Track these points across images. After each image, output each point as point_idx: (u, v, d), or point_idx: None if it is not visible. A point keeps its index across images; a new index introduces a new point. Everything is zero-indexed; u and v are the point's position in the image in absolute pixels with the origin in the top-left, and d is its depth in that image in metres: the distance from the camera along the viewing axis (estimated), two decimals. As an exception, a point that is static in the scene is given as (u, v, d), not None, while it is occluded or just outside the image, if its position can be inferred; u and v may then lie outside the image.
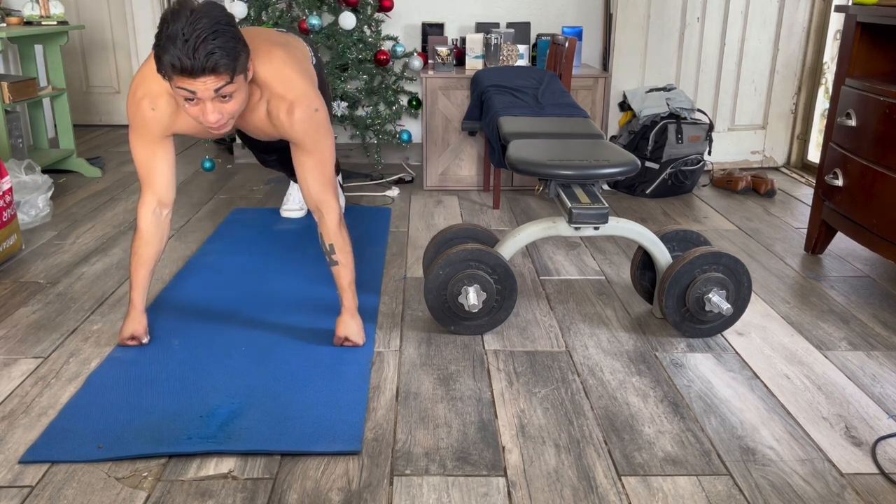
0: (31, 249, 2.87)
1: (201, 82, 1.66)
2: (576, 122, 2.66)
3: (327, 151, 1.97)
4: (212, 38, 1.62)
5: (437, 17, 4.21)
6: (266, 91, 1.89)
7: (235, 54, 1.68)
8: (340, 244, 2.03)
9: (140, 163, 1.98)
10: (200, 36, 1.61)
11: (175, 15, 1.63)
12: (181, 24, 1.61)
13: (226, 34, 1.65)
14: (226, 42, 1.65)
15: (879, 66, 2.64)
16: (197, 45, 1.61)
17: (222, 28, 1.65)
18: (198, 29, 1.61)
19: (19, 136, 3.83)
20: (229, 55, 1.66)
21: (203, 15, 1.63)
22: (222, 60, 1.64)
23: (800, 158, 4.25)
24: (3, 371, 1.96)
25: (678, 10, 3.93)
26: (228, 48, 1.66)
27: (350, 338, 2.08)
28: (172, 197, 2.04)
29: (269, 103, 1.90)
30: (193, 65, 1.62)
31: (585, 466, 1.60)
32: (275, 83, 1.88)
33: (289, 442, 1.65)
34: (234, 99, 1.75)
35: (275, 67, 1.88)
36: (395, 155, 4.39)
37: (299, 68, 1.94)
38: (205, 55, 1.62)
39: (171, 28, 1.62)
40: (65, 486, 1.51)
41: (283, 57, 1.91)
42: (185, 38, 1.61)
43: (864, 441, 1.70)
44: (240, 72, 1.72)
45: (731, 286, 2.13)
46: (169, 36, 1.61)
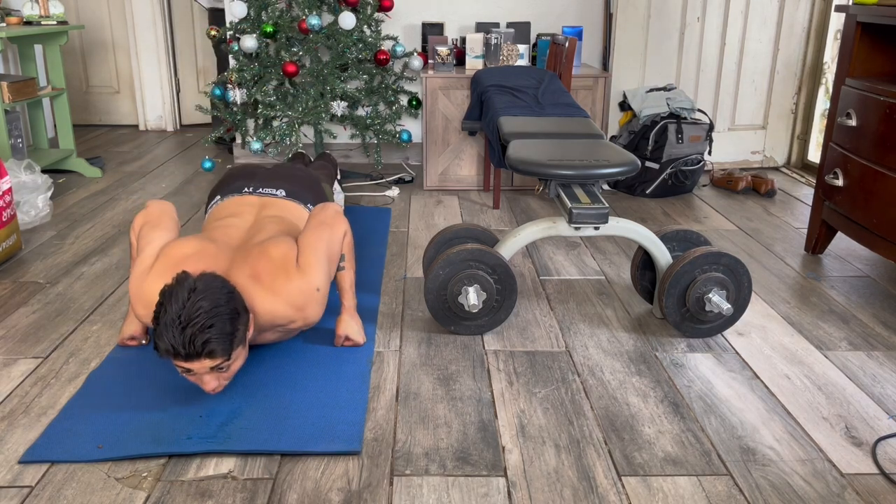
0: (30, 249, 2.87)
1: (198, 364, 1.64)
2: (576, 122, 2.66)
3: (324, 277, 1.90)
4: (208, 326, 1.60)
5: (437, 16, 4.21)
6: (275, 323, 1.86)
7: (232, 338, 1.66)
8: (348, 250, 2.06)
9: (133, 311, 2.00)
10: (196, 324, 1.59)
11: (172, 297, 1.61)
12: (177, 309, 1.60)
13: (223, 317, 1.63)
14: (223, 326, 1.63)
15: (879, 66, 2.64)
16: (193, 336, 1.59)
17: (219, 310, 1.62)
18: (194, 316, 1.59)
19: (19, 136, 3.83)
20: (226, 341, 1.64)
21: (200, 297, 1.61)
22: (219, 347, 1.63)
23: (800, 158, 4.25)
24: (3, 371, 1.96)
25: (678, 10, 3.93)
26: (225, 334, 1.63)
27: (350, 336, 2.08)
28: None
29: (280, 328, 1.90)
30: (188, 353, 1.61)
31: (585, 466, 1.60)
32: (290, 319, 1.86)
33: (289, 442, 1.65)
34: (231, 367, 1.72)
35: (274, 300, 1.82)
36: (395, 155, 4.39)
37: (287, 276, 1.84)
38: (201, 344, 1.60)
39: (168, 312, 1.60)
40: (65, 486, 1.51)
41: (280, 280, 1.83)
42: (182, 325, 1.59)
43: (865, 441, 1.70)
44: (237, 346, 1.69)
45: (731, 286, 2.13)
46: (165, 322, 1.60)
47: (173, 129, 5.41)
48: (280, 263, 1.85)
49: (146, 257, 1.88)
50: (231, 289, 1.70)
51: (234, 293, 1.70)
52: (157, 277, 1.83)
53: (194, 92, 5.46)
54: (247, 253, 1.88)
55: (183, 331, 1.59)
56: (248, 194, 2.19)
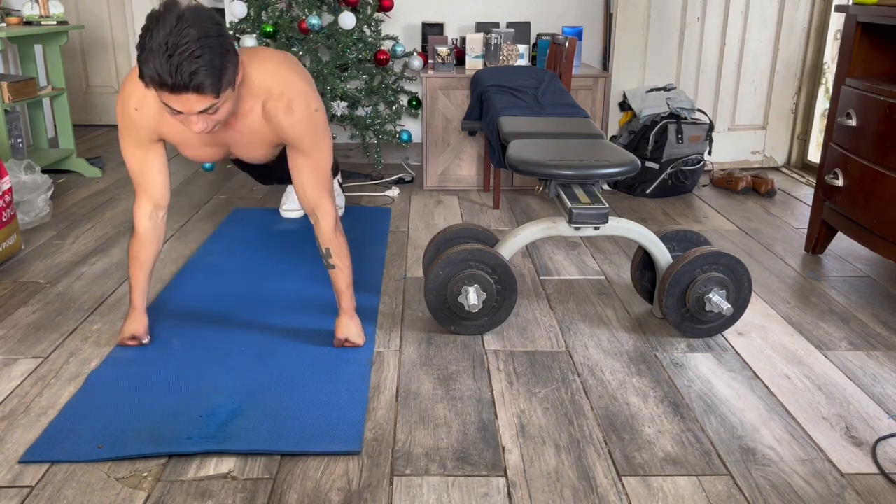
0: (30, 249, 2.87)
1: (185, 99, 1.57)
2: (576, 122, 2.66)
3: (325, 154, 1.93)
4: (196, 55, 1.51)
5: (437, 16, 4.21)
6: (262, 93, 1.81)
7: (221, 72, 1.57)
8: (336, 248, 2.00)
9: (132, 167, 1.94)
10: (184, 52, 1.50)
11: (159, 21, 1.51)
12: (164, 34, 1.50)
13: (212, 49, 1.54)
14: (212, 59, 1.53)
15: (879, 66, 2.64)
16: (181, 63, 1.50)
17: (209, 42, 1.53)
18: (182, 44, 1.50)
19: (19, 136, 3.83)
20: (215, 74, 1.55)
21: (189, 24, 1.51)
22: (207, 80, 1.54)
23: (800, 158, 4.25)
24: (3, 371, 1.96)
25: (678, 10, 3.93)
26: (214, 66, 1.54)
27: (350, 339, 2.08)
28: (167, 199, 2.01)
29: (265, 105, 1.82)
30: (175, 83, 1.52)
31: (585, 466, 1.60)
32: (272, 83, 1.81)
33: (289, 442, 1.65)
34: (220, 109, 1.66)
35: (270, 68, 1.82)
36: (395, 155, 4.39)
37: (297, 69, 1.89)
38: (188, 74, 1.51)
39: (154, 38, 1.50)
40: (65, 486, 1.51)
41: (278, 58, 1.86)
42: (169, 52, 1.49)
43: (865, 441, 1.70)
44: (226, 87, 1.61)
45: (731, 286, 2.13)
46: (151, 47, 1.50)
47: (173, 129, 5.40)
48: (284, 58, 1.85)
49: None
50: (220, 22, 1.59)
51: (223, 28, 1.59)
52: None
53: (194, 92, 5.45)
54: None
55: (170, 58, 1.49)
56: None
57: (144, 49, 1.53)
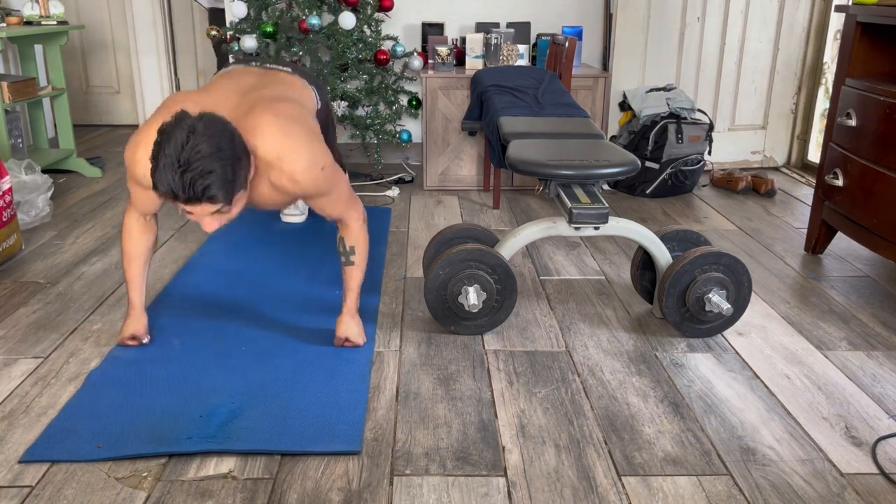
0: (31, 249, 2.87)
1: (197, 208, 1.60)
2: (576, 122, 2.66)
3: (342, 188, 1.91)
4: (208, 170, 1.53)
5: (437, 17, 4.21)
6: (266, 167, 1.79)
7: (233, 182, 1.59)
8: (361, 246, 2.02)
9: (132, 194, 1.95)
10: (196, 168, 1.52)
11: (171, 135, 1.53)
12: (177, 150, 1.52)
13: (223, 161, 1.56)
14: (224, 171, 1.56)
15: (879, 66, 2.64)
16: (193, 178, 1.52)
17: (220, 154, 1.55)
18: (194, 160, 1.52)
19: (19, 136, 3.83)
20: (227, 185, 1.57)
21: (201, 138, 1.53)
22: (219, 192, 1.57)
23: (800, 158, 4.25)
24: (3, 371, 1.96)
25: (678, 10, 3.93)
26: (226, 178, 1.57)
27: (351, 338, 2.08)
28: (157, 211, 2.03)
29: (270, 177, 1.81)
30: (188, 197, 1.55)
31: (585, 466, 1.60)
32: (273, 156, 1.76)
33: (289, 442, 1.65)
34: (234, 209, 1.68)
35: (274, 140, 1.76)
36: (395, 155, 4.39)
37: (301, 131, 1.82)
38: (201, 189, 1.54)
39: (167, 152, 1.53)
40: (65, 486, 1.51)
41: (281, 125, 1.78)
42: (181, 168, 1.52)
43: (865, 441, 1.70)
44: (238, 191, 1.63)
45: (731, 286, 2.13)
46: (164, 164, 1.53)
47: (173, 129, 5.40)
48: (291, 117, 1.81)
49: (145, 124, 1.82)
50: (233, 130, 1.62)
51: (235, 135, 1.62)
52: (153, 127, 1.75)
53: (194, 92, 5.45)
54: (256, 100, 1.82)
55: (182, 175, 1.52)
56: (254, 66, 2.12)
57: (157, 164, 1.55)
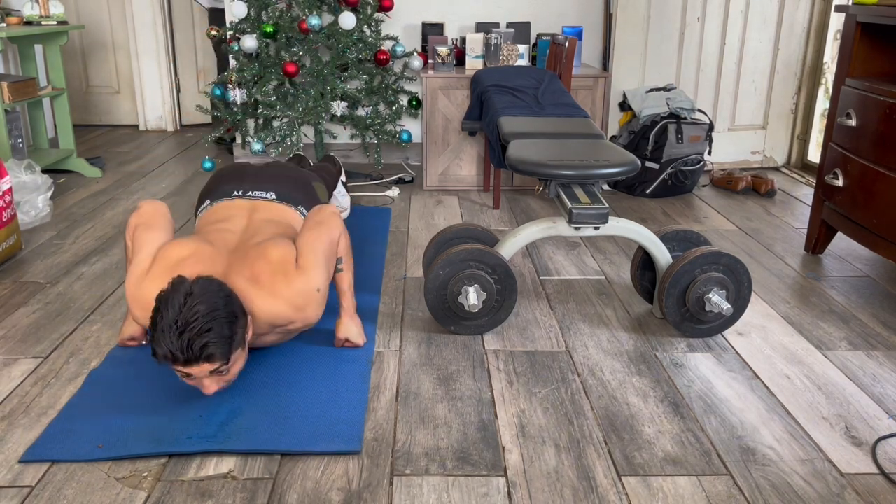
0: (31, 249, 2.87)
1: (196, 369, 1.64)
2: (576, 122, 2.66)
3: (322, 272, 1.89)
4: (206, 331, 1.59)
5: (437, 17, 4.21)
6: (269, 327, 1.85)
7: (230, 342, 1.65)
8: (346, 253, 2.05)
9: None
10: (193, 329, 1.58)
11: (168, 302, 1.60)
12: (174, 314, 1.58)
13: (220, 321, 1.62)
14: (221, 330, 1.62)
15: (879, 66, 2.64)
16: (192, 339, 1.58)
17: (217, 314, 1.62)
18: (192, 321, 1.58)
19: (19, 136, 3.83)
20: (224, 344, 1.63)
21: (197, 301, 1.60)
22: (217, 352, 1.62)
23: (800, 158, 4.25)
24: (3, 371, 1.96)
25: (678, 10, 3.93)
26: (224, 336, 1.62)
27: (350, 339, 2.08)
28: None
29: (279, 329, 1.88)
30: (187, 358, 1.60)
31: (585, 466, 1.60)
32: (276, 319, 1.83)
33: (289, 442, 1.65)
34: (232, 369, 1.72)
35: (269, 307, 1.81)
36: (395, 155, 4.39)
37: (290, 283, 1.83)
38: (199, 349, 1.59)
39: (165, 318, 1.59)
40: (65, 486, 1.51)
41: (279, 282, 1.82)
42: (179, 330, 1.58)
43: (865, 441, 1.70)
44: (236, 349, 1.68)
45: (731, 286, 2.13)
46: (162, 328, 1.59)
47: (173, 129, 5.41)
48: (279, 265, 1.84)
49: (142, 260, 1.87)
50: (228, 292, 1.69)
51: (231, 296, 1.69)
52: (154, 280, 1.83)
53: (194, 92, 5.46)
54: (244, 255, 1.88)
55: (180, 336, 1.58)
56: (237, 198, 2.16)
57: (156, 331, 1.60)
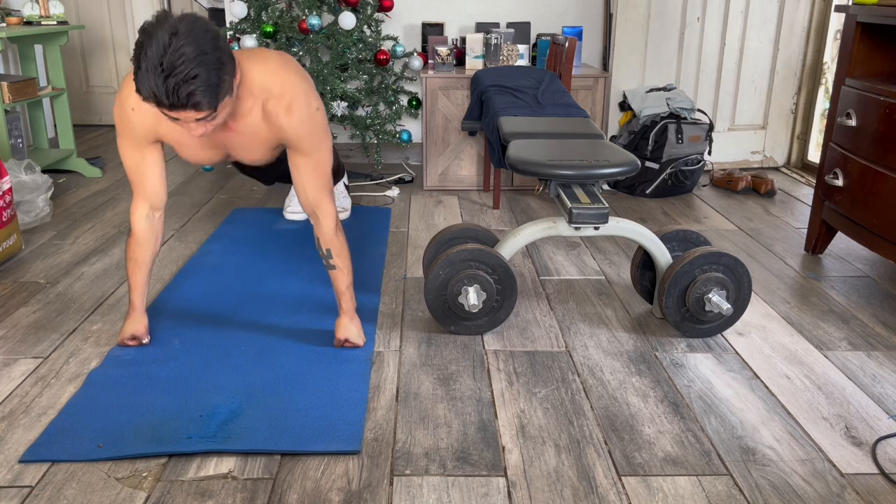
0: (31, 249, 2.87)
1: (182, 114, 1.57)
2: (576, 122, 2.66)
3: (325, 154, 1.93)
4: (192, 75, 1.49)
5: (437, 17, 4.21)
6: (262, 93, 1.80)
7: (218, 87, 1.56)
8: (337, 248, 2.00)
9: (129, 168, 1.93)
10: (180, 73, 1.48)
11: (153, 36, 1.48)
12: (159, 53, 1.47)
13: (208, 65, 1.51)
14: (208, 76, 1.52)
15: (879, 66, 2.64)
16: (177, 83, 1.49)
17: (204, 59, 1.51)
18: (178, 63, 1.47)
19: (19, 136, 3.83)
20: (211, 91, 1.54)
21: (184, 41, 1.48)
22: (204, 98, 1.54)
23: (800, 158, 4.25)
24: (3, 371, 1.96)
25: (678, 10, 3.93)
26: (211, 83, 1.53)
27: (350, 340, 2.08)
28: (164, 200, 2.01)
29: (265, 105, 1.81)
30: (172, 103, 1.52)
31: (585, 466, 1.60)
32: (272, 83, 1.80)
33: (289, 442, 1.65)
34: (219, 115, 1.66)
35: (270, 68, 1.81)
36: (395, 155, 4.39)
37: (297, 69, 1.88)
38: (185, 95, 1.51)
39: (149, 54, 1.48)
40: (65, 486, 1.51)
41: (278, 59, 1.85)
42: (165, 73, 1.48)
43: (865, 441, 1.70)
44: (223, 97, 1.61)
45: (731, 286, 2.13)
46: (146, 66, 1.48)
47: (173, 129, 5.41)
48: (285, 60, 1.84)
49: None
50: (216, 32, 1.56)
51: (219, 37, 1.56)
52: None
53: (194, 92, 5.46)
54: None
55: (166, 79, 1.48)
56: None
57: (140, 66, 1.51)
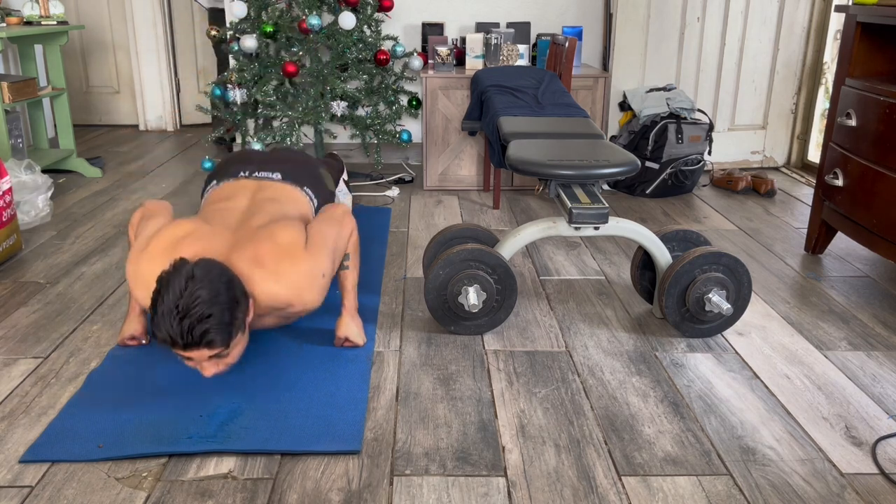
0: (31, 249, 2.87)
1: (196, 353, 1.64)
2: (576, 122, 2.66)
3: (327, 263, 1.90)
4: (206, 317, 1.58)
5: (437, 17, 4.21)
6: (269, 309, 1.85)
7: (231, 326, 1.64)
8: (354, 251, 2.06)
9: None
10: (194, 314, 1.57)
11: (169, 285, 1.59)
12: (175, 297, 1.57)
13: (221, 306, 1.61)
14: (221, 316, 1.61)
15: (879, 66, 2.64)
16: (192, 325, 1.57)
17: (218, 299, 1.61)
18: (192, 306, 1.57)
19: (19, 136, 3.83)
20: (224, 330, 1.62)
21: (199, 286, 1.59)
22: (217, 337, 1.61)
23: (800, 158, 4.25)
24: (3, 371, 1.96)
25: (678, 10, 3.93)
26: (224, 322, 1.62)
27: (350, 338, 2.08)
28: None
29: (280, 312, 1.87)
30: (186, 343, 1.60)
31: (585, 466, 1.60)
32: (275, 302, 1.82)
33: (289, 442, 1.65)
34: (231, 354, 1.71)
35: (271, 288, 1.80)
36: (395, 155, 4.39)
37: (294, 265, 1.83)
38: (199, 335, 1.59)
39: (165, 301, 1.58)
40: (65, 486, 1.51)
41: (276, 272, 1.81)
42: (180, 315, 1.57)
43: (865, 441, 1.70)
44: (236, 334, 1.68)
45: (731, 286, 2.13)
46: (163, 311, 1.58)
47: (173, 129, 5.41)
48: (288, 247, 1.83)
49: (142, 239, 1.87)
50: (230, 276, 1.68)
51: (233, 280, 1.68)
52: (154, 258, 1.81)
53: (194, 92, 5.46)
54: (250, 236, 1.86)
55: (181, 321, 1.57)
56: (244, 178, 2.15)
57: (157, 313, 1.59)
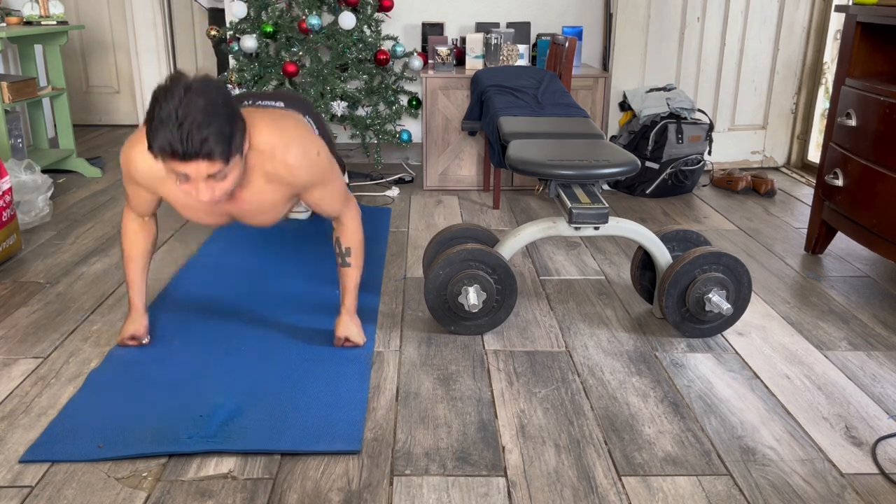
0: (30, 249, 2.87)
1: (194, 166, 1.58)
2: (576, 122, 2.66)
3: (337, 182, 1.94)
4: (206, 124, 1.53)
5: (437, 17, 4.21)
6: (260, 156, 1.80)
7: (231, 138, 1.59)
8: (356, 247, 2.03)
9: (129, 194, 1.96)
10: (194, 121, 1.51)
11: (167, 94, 1.53)
12: (173, 105, 1.51)
13: (221, 116, 1.56)
14: (221, 126, 1.56)
15: (879, 66, 2.64)
16: (190, 131, 1.51)
17: (217, 110, 1.55)
18: (191, 112, 1.51)
19: (19, 136, 3.83)
20: (224, 140, 1.57)
21: (197, 94, 1.53)
22: (217, 147, 1.55)
23: (800, 158, 4.25)
24: (3, 371, 1.96)
25: (678, 10, 3.93)
26: (224, 133, 1.56)
27: (350, 338, 2.08)
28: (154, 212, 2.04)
29: (265, 167, 1.82)
30: (186, 151, 1.53)
31: (585, 466, 1.60)
32: (266, 144, 1.79)
33: (289, 442, 1.65)
34: (228, 177, 1.67)
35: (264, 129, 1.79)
36: (395, 155, 4.39)
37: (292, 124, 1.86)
38: (199, 142, 1.53)
39: (164, 108, 1.52)
40: (65, 486, 1.51)
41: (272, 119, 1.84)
42: (178, 121, 1.51)
43: (865, 441, 1.70)
44: (235, 153, 1.63)
45: (731, 286, 2.13)
46: (161, 118, 1.52)
47: (173, 129, 5.41)
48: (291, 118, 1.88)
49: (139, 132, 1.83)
50: (227, 92, 1.60)
51: (230, 97, 1.62)
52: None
53: (194, 92, 5.46)
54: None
55: (180, 127, 1.51)
56: (248, 106, 2.12)
57: (153, 120, 1.54)
